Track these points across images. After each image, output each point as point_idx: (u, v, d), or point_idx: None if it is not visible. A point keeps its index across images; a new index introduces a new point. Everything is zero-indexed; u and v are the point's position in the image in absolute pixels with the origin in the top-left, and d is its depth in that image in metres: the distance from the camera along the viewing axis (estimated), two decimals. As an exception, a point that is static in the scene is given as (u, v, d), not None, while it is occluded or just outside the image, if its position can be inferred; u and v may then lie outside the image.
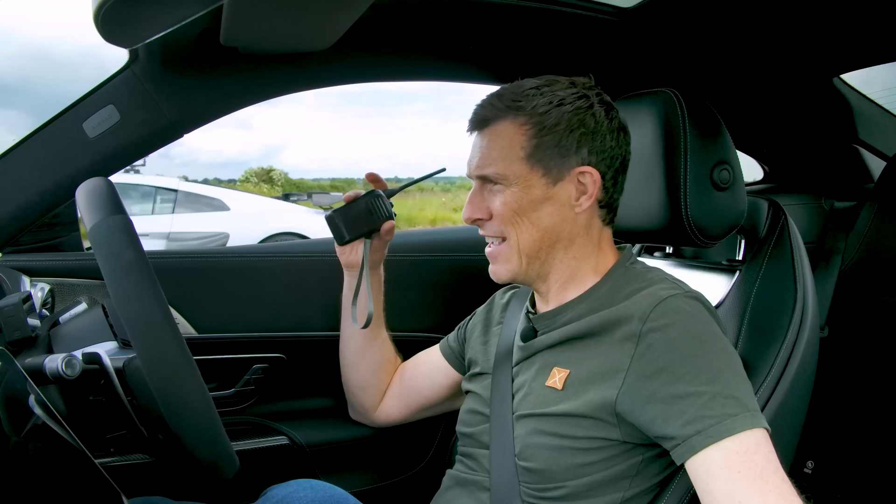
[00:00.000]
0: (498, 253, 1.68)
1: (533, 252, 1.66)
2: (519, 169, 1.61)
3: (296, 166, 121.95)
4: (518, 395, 1.69)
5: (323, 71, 2.23)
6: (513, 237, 1.65)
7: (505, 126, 1.62)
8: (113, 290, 1.26)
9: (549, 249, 1.67)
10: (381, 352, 2.15)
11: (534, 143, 1.61)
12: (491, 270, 1.71)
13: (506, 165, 1.61)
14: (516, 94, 1.63)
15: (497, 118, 1.63)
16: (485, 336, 1.96)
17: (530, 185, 1.61)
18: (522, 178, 1.61)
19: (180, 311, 2.18)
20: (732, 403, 1.38)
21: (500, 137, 1.62)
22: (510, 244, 1.66)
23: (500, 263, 1.69)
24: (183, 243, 10.88)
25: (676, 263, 2.17)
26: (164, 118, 2.04)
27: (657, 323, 1.48)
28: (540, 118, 1.61)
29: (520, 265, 1.67)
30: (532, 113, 1.61)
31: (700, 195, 1.74)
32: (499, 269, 1.70)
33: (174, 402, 1.24)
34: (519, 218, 1.63)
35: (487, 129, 1.65)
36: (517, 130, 1.61)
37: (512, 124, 1.62)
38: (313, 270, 2.36)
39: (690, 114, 1.74)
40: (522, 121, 1.61)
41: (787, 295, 1.80)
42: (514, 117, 1.62)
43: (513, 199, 1.62)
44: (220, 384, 2.27)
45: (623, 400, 1.48)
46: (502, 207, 1.63)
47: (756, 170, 3.41)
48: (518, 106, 1.62)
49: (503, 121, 1.63)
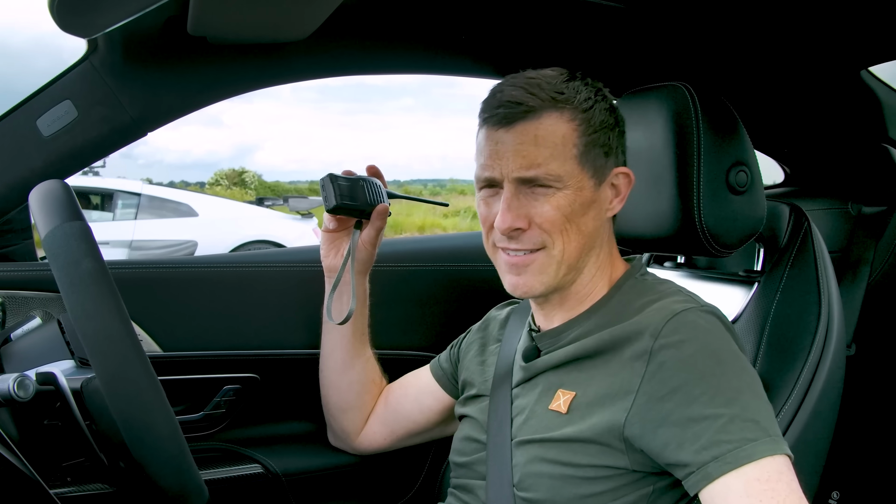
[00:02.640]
0: (530, 262, 1.62)
1: (574, 261, 1.63)
2: (572, 169, 1.58)
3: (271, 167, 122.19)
4: (518, 420, 1.69)
5: (301, 63, 2.24)
6: (557, 246, 1.60)
7: (553, 120, 1.58)
8: (70, 303, 1.26)
9: (584, 258, 1.65)
10: (364, 371, 2.15)
11: (584, 141, 1.59)
12: (516, 283, 1.65)
13: (560, 165, 1.57)
14: (555, 85, 1.60)
15: (541, 110, 1.58)
16: (481, 355, 1.96)
17: (581, 187, 1.59)
18: (575, 178, 1.58)
19: (144, 326, 2.17)
20: (752, 427, 1.38)
21: (551, 133, 1.57)
22: (551, 253, 1.61)
23: (533, 275, 1.63)
24: (146, 252, 10.85)
25: (688, 274, 2.17)
26: (126, 115, 2.04)
27: (670, 339, 1.48)
28: (586, 114, 1.60)
29: (556, 276, 1.63)
30: (578, 107, 1.59)
31: (714, 199, 1.75)
32: (531, 282, 1.64)
33: (137, 427, 1.24)
34: (569, 224, 1.59)
35: (527, 124, 1.58)
36: (566, 126, 1.58)
37: (560, 119, 1.58)
38: (290, 282, 2.36)
39: (704, 110, 1.75)
40: (569, 115, 1.59)
41: (811, 309, 1.80)
42: (560, 111, 1.58)
43: (566, 203, 1.57)
44: (187, 407, 2.26)
45: (632, 423, 1.47)
46: (554, 213, 1.58)
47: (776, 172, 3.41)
48: (564, 98, 1.59)
49: (549, 114, 1.58)
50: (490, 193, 1.65)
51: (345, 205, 1.98)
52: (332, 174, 1.99)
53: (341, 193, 1.98)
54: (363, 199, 2.00)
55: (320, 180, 1.99)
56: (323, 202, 2.00)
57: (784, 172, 3.40)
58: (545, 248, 1.61)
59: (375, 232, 2.04)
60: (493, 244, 1.68)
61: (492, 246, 1.69)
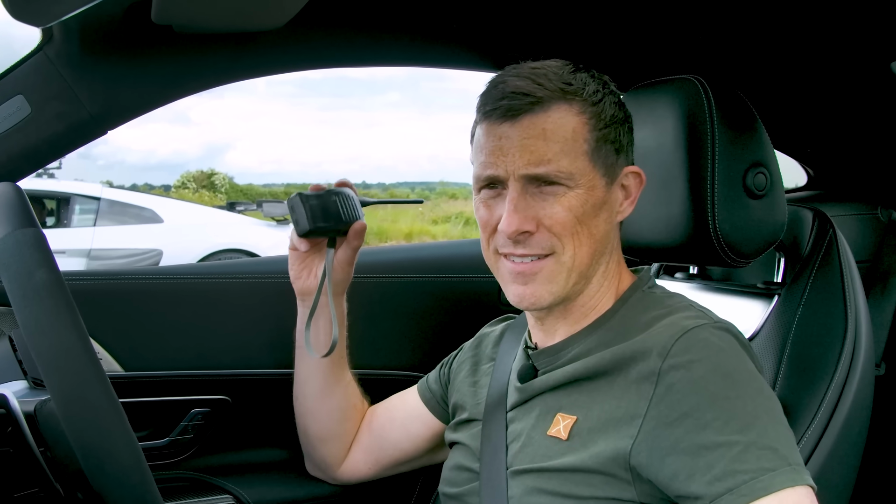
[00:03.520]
0: (538, 270, 1.61)
1: (585, 268, 1.63)
2: (584, 166, 1.58)
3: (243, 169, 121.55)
4: (514, 447, 1.68)
5: (276, 54, 2.23)
6: (568, 251, 1.59)
7: (561, 113, 1.58)
8: (22, 318, 1.26)
9: (594, 265, 1.65)
10: (345, 397, 2.14)
11: (595, 136, 1.59)
12: (522, 294, 1.64)
13: (571, 161, 1.56)
14: (563, 76, 1.60)
15: (549, 102, 1.58)
16: (473, 376, 1.95)
17: (593, 186, 1.59)
18: (587, 176, 1.58)
19: (103, 343, 2.17)
20: (770, 456, 1.37)
21: (560, 127, 1.57)
22: (560, 260, 1.60)
23: (541, 284, 1.62)
24: (107, 262, 10.84)
25: (701, 287, 2.18)
26: (84, 111, 2.04)
27: (680, 359, 1.47)
28: (596, 108, 1.60)
29: (566, 286, 1.62)
30: (587, 100, 1.60)
31: (730, 204, 1.75)
32: (539, 292, 1.62)
33: (96, 454, 1.24)
34: (580, 226, 1.58)
35: (534, 117, 1.58)
36: (576, 119, 1.58)
37: (569, 112, 1.59)
38: (265, 295, 2.35)
39: (718, 105, 1.75)
40: (579, 108, 1.59)
41: (836, 325, 1.80)
42: (569, 103, 1.59)
43: (578, 204, 1.57)
44: (151, 432, 2.26)
45: (639, 451, 1.46)
46: (565, 214, 1.57)
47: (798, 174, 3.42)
48: (572, 90, 1.59)
49: (558, 106, 1.58)
50: (491, 195, 1.64)
51: (318, 228, 1.94)
52: (301, 194, 1.95)
53: (314, 215, 1.93)
54: (337, 217, 1.96)
55: (288, 201, 1.95)
56: (293, 226, 1.97)
57: (807, 174, 3.41)
58: (554, 254, 1.60)
59: (352, 251, 2.01)
60: (494, 251, 1.67)
61: (493, 253, 1.68)
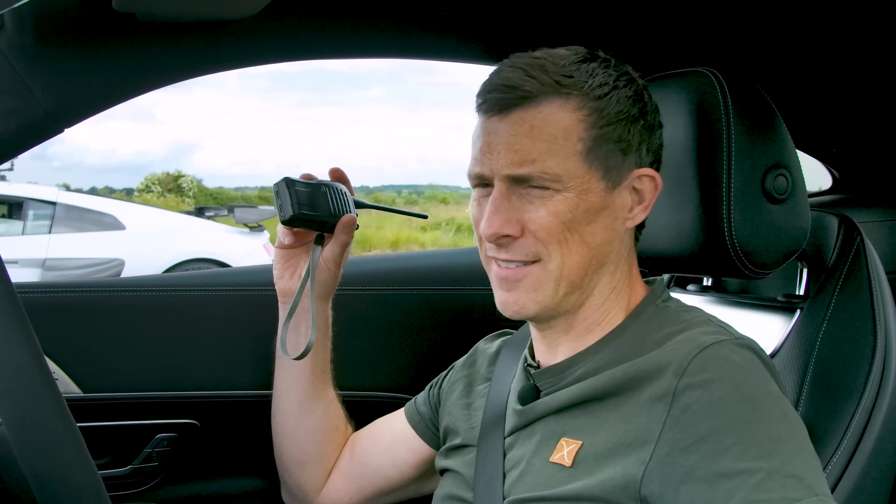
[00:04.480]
0: (523, 276, 1.62)
1: (577, 279, 1.62)
2: (575, 167, 1.57)
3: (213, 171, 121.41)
4: (513, 475, 1.67)
5: (249, 45, 2.23)
6: (555, 258, 1.59)
7: (554, 109, 1.57)
8: (-31, 335, 1.25)
9: (592, 275, 1.64)
10: (326, 416, 2.14)
11: (593, 134, 1.58)
12: (507, 301, 1.65)
13: (559, 162, 1.56)
14: (563, 67, 1.59)
15: (541, 96, 1.58)
16: (467, 397, 1.95)
17: (587, 190, 1.58)
18: (579, 179, 1.57)
19: (59, 362, 2.17)
20: (794, 484, 1.36)
21: (549, 124, 1.57)
22: (547, 267, 1.60)
23: (525, 292, 1.62)
24: (63, 273, 10.84)
25: (717, 300, 2.18)
26: (39, 107, 2.03)
27: (697, 378, 1.46)
28: (599, 103, 1.59)
29: (554, 296, 1.62)
30: (588, 95, 1.59)
31: (748, 209, 1.74)
32: (522, 300, 1.63)
33: (52, 484, 1.24)
34: (569, 233, 1.58)
35: (524, 112, 1.58)
36: (571, 116, 1.58)
37: (563, 107, 1.58)
38: (237, 308, 2.35)
39: (735, 101, 1.75)
40: (576, 103, 1.58)
41: (864, 341, 1.80)
42: (564, 98, 1.58)
43: (566, 208, 1.57)
44: (112, 459, 2.25)
45: (651, 479, 1.45)
46: (550, 219, 1.57)
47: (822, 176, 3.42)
48: (570, 83, 1.58)
49: (550, 101, 1.58)
50: (483, 193, 1.65)
51: (303, 215, 1.95)
52: (288, 178, 1.96)
53: (299, 202, 1.94)
54: (325, 208, 1.97)
55: (274, 186, 1.97)
56: (277, 212, 1.98)
57: (832, 177, 3.41)
58: (541, 261, 1.60)
59: (340, 248, 2.02)
60: (485, 254, 1.68)
61: (485, 256, 1.69)
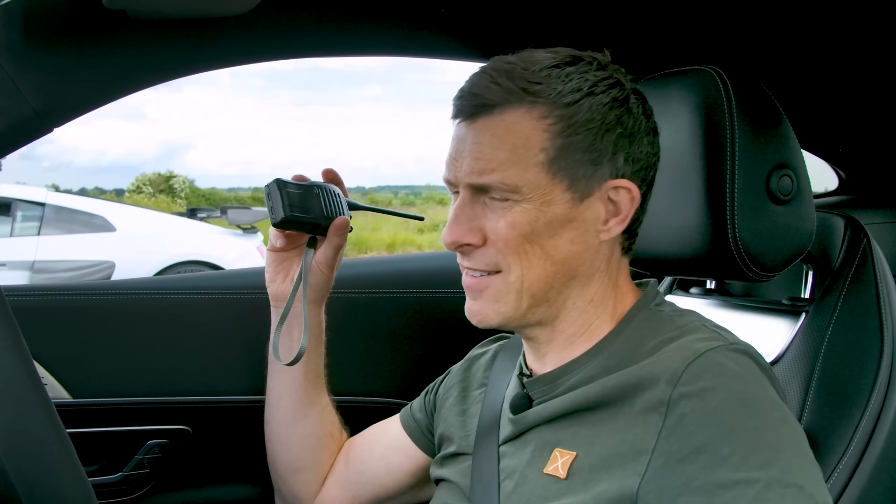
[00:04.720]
0: (485, 286, 1.63)
1: (541, 292, 1.61)
2: (536, 178, 1.56)
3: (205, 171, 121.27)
4: (507, 485, 1.67)
5: (242, 42, 2.23)
6: (515, 270, 1.59)
7: (517, 117, 1.57)
8: (-44, 339, 1.26)
9: (560, 289, 1.63)
10: (320, 422, 2.14)
11: (558, 144, 1.56)
12: (471, 309, 1.66)
13: (518, 173, 1.55)
14: (531, 73, 1.58)
15: (505, 105, 1.57)
16: (462, 404, 1.95)
17: (550, 202, 1.57)
18: (540, 190, 1.56)
19: (48, 367, 2.17)
20: (795, 494, 1.36)
21: (511, 133, 1.56)
22: (507, 279, 1.60)
23: (487, 301, 1.63)
24: (52, 276, 10.82)
25: (720, 303, 2.18)
26: (28, 106, 2.03)
27: (692, 387, 1.46)
28: (567, 110, 1.57)
29: (517, 308, 1.62)
30: (556, 102, 1.57)
31: (752, 211, 1.75)
32: (484, 310, 1.64)
33: (40, 492, 1.24)
34: (529, 245, 1.57)
35: (489, 119, 1.58)
36: (535, 125, 1.56)
37: (527, 116, 1.57)
38: (230, 312, 2.35)
39: (739, 100, 1.75)
40: (542, 111, 1.57)
41: (871, 346, 1.80)
42: (529, 106, 1.57)
43: (525, 220, 1.56)
44: (102, 466, 2.26)
45: (647, 491, 1.44)
46: (508, 230, 1.57)
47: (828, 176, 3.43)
48: (536, 90, 1.57)
49: (514, 109, 1.57)
50: (456, 198, 1.65)
51: (295, 217, 1.95)
52: (279, 180, 1.97)
53: (291, 203, 1.94)
54: (318, 210, 1.98)
55: (265, 187, 1.97)
56: (268, 214, 1.98)
57: (838, 177, 3.41)
58: (501, 272, 1.61)
59: (333, 251, 2.02)
60: None
61: None
